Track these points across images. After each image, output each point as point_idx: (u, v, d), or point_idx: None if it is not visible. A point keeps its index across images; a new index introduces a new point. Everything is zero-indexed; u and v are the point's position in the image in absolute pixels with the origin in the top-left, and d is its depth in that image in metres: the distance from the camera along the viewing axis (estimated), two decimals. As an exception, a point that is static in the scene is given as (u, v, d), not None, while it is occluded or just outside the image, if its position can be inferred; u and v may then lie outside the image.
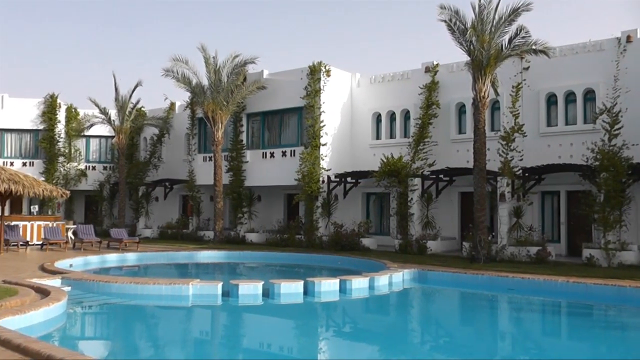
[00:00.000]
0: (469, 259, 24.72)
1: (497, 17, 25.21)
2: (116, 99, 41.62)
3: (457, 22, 25.52)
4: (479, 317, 17.27)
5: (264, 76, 35.95)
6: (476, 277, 20.36)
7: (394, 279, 20.18)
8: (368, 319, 17.30)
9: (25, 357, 9.47)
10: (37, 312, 13.08)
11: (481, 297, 19.99)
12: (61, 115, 44.27)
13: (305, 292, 17.83)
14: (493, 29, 25.18)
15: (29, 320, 12.61)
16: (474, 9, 25.43)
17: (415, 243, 28.21)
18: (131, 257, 27.91)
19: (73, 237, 33.12)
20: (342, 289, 18.39)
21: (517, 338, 14.78)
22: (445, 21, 25.62)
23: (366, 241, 30.18)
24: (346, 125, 34.81)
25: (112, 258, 27.09)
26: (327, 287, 18.21)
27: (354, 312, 18.14)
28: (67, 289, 17.01)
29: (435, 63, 31.96)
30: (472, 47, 25.31)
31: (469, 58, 25.87)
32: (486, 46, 24.98)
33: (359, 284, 18.75)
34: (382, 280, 19.61)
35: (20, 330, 11.30)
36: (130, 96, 41.62)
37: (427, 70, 32.10)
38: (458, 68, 30.65)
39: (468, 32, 24.98)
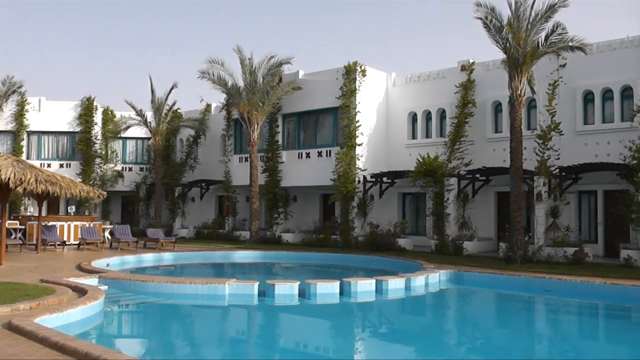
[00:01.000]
0: (505, 259, 24.38)
1: (533, 14, 24.85)
2: (152, 101, 41.89)
3: (493, 20, 25.22)
4: (515, 319, 17.04)
5: (300, 77, 35.91)
6: (513, 279, 20.10)
7: (430, 279, 20.01)
8: (404, 319, 17.17)
9: (62, 354, 9.53)
10: (74, 311, 13.17)
11: (518, 298, 19.74)
12: (98, 118, 44.82)
13: (341, 293, 17.74)
14: (529, 26, 24.83)
15: (66, 319, 12.70)
16: (510, 6, 25.10)
17: (452, 243, 27.95)
18: (167, 257, 28.09)
19: (110, 237, 33.43)
20: (378, 290, 18.27)
21: (554, 340, 14.53)
22: (481, 19, 25.34)
23: (402, 241, 30.01)
24: (382, 125, 34.63)
25: (148, 258, 27.30)
26: (363, 287, 18.09)
27: (390, 312, 18.02)
28: (104, 288, 17.14)
29: (471, 61, 31.65)
30: (508, 44, 25.03)
31: (505, 56, 25.54)
32: (522, 43, 24.66)
33: (395, 285, 18.62)
34: (419, 281, 19.45)
35: (57, 328, 11.37)
36: (166, 98, 41.92)
37: (463, 68, 31.79)
38: (494, 66, 30.27)
39: (504, 30, 24.67)
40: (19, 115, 44.21)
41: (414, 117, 33.98)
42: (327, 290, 17.63)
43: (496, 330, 15.63)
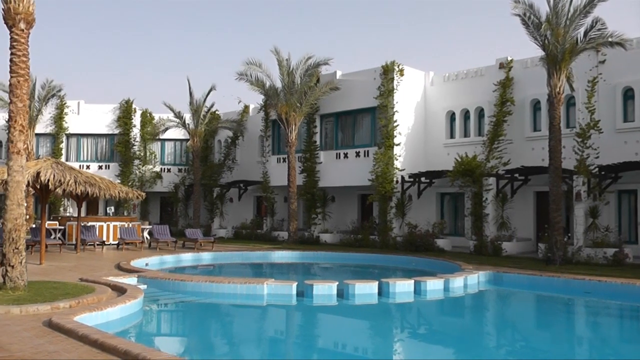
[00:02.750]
0: (544, 260, 24.03)
1: (572, 10, 24.38)
2: (191, 103, 42.18)
3: (532, 16, 24.86)
4: (555, 321, 16.75)
5: (337, 77, 35.84)
6: (552, 280, 19.77)
7: (469, 280, 19.79)
8: (443, 321, 16.98)
9: (102, 352, 9.57)
10: (113, 309, 13.25)
11: (557, 300, 19.39)
12: (136, 120, 45.37)
13: (380, 293, 17.62)
14: (568, 22, 24.39)
15: (105, 317, 12.79)
16: (548, 2, 24.66)
17: (490, 244, 27.62)
18: (206, 257, 28.21)
19: (149, 237, 33.62)
20: (417, 290, 18.11)
21: (594, 343, 14.25)
22: (519, 15, 25.00)
23: (440, 242, 29.78)
24: (420, 125, 34.42)
25: (187, 257, 27.42)
26: (402, 288, 17.95)
27: (428, 313, 17.84)
28: (143, 287, 17.19)
29: (509, 59, 31.31)
30: (546, 41, 24.66)
31: (543, 53, 25.16)
32: (561, 40, 24.24)
33: (433, 286, 18.44)
34: (457, 282, 19.25)
35: (97, 326, 11.42)
36: (205, 100, 42.18)
37: (501, 66, 31.47)
38: (533, 63, 29.89)
39: (542, 26, 24.31)
40: (58, 118, 44.93)
41: (452, 116, 33.73)
42: (365, 290, 17.51)
43: (535, 333, 15.36)
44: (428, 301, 18.09)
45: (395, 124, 32.49)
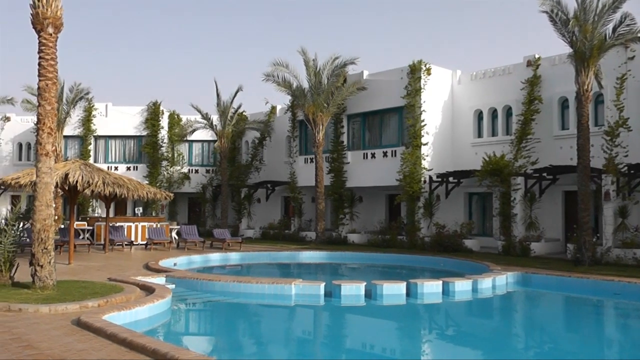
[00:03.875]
0: (573, 261, 23.76)
1: (600, 5, 24.01)
2: (218, 105, 42.33)
3: (559, 13, 24.57)
4: (584, 323, 16.56)
5: (364, 77, 35.74)
6: (581, 281, 19.50)
7: (497, 281, 19.60)
8: (471, 322, 16.82)
9: (130, 350, 9.59)
10: (142, 309, 13.29)
11: (586, 301, 19.14)
12: (164, 122, 45.60)
13: (408, 294, 17.52)
14: (596, 18, 24.04)
15: (134, 316, 12.83)
16: (576, -3, 24.54)
17: (519, 245, 27.35)
18: (234, 257, 28.30)
19: (177, 237, 33.78)
20: (445, 291, 17.99)
21: (624, 345, 13.99)
22: (546, 12, 24.73)
23: (469, 242, 29.57)
24: (447, 124, 34.21)
25: (215, 257, 27.55)
26: (430, 289, 17.83)
27: (457, 315, 17.69)
28: (171, 286, 17.24)
29: (537, 56, 30.92)
30: (574, 37, 24.38)
31: (571, 50, 24.87)
32: (589, 36, 23.93)
33: (462, 287, 18.30)
34: (486, 283, 19.07)
35: (125, 325, 11.45)
36: (232, 101, 42.32)
37: (529, 64, 31.08)
38: (560, 61, 29.51)
39: (570, 23, 23.99)
40: (87, 120, 45.44)
41: (479, 115, 33.48)
42: (393, 291, 17.41)
43: (564, 335, 15.17)
44: (456, 302, 17.96)
45: (422, 124, 32.32)
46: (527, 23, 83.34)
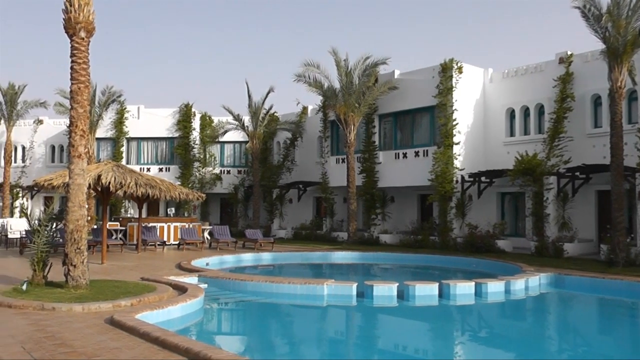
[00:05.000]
0: (606, 262, 23.43)
1: (634, 0, 23.89)
2: (249, 106, 42.51)
3: (592, 8, 24.25)
4: (618, 325, 16.30)
5: (395, 76, 35.61)
6: (614, 282, 19.21)
7: (530, 283, 19.39)
8: (504, 324, 16.62)
9: (163, 349, 9.62)
10: (174, 308, 13.35)
11: (620, 303, 18.82)
12: (196, 123, 45.87)
13: (440, 295, 17.40)
14: (630, 13, 23.62)
15: (166, 315, 12.89)
16: (609, -8, 24.20)
17: (552, 245, 27.02)
18: (266, 257, 28.34)
19: (209, 238, 33.92)
20: (478, 293, 17.83)
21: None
22: (579, 8, 24.45)
23: (501, 243, 29.28)
24: (479, 123, 33.97)
25: (247, 257, 27.61)
26: (463, 290, 17.69)
27: (490, 316, 17.50)
28: (204, 286, 17.26)
29: (569, 53, 30.58)
30: (607, 33, 24.04)
31: (604, 46, 24.53)
32: (622, 32, 23.53)
33: (494, 288, 18.13)
34: (519, 285, 18.86)
35: (158, 324, 11.49)
36: (263, 102, 42.50)
37: (561, 61, 30.73)
38: (593, 57, 29.12)
39: (603, 18, 23.65)
40: (119, 122, 45.86)
41: (511, 114, 33.20)
42: (426, 292, 17.30)
43: (598, 337, 14.92)
44: (489, 304, 17.79)
45: (454, 123, 32.13)
46: (559, 19, 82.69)
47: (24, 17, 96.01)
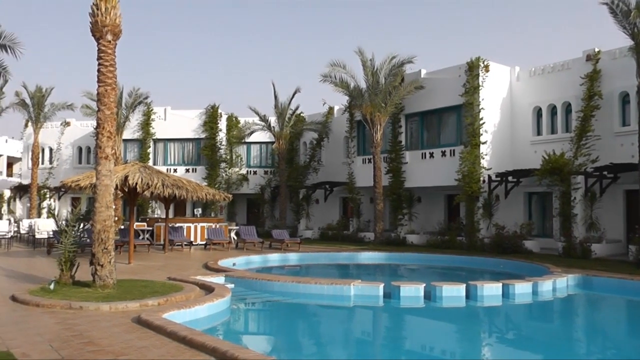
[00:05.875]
0: (635, 263, 23.15)
1: (663, -5, 23.54)
2: (276, 106, 42.67)
3: (620, 4, 24.00)
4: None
5: (422, 75, 35.48)
6: (643, 284, 19.04)
7: (557, 284, 19.14)
8: (532, 326, 16.42)
9: (190, 348, 9.63)
10: (201, 307, 13.36)
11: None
12: (222, 124, 46.02)
13: (467, 296, 17.24)
14: (659, 8, 23.48)
15: (193, 315, 12.90)
16: (638, -13, 23.89)
17: (579, 246, 26.73)
18: (293, 257, 28.33)
19: (236, 238, 33.97)
20: (505, 294, 17.63)
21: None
22: (606, 3, 24.24)
23: (528, 244, 29.01)
24: (506, 122, 33.72)
25: (274, 258, 27.66)
26: (490, 291, 17.51)
27: (517, 318, 17.32)
28: (231, 286, 17.26)
29: (596, 50, 30.18)
30: (635, 29, 23.76)
31: (632, 42, 24.27)
32: (651, 27, 23.43)
33: (522, 289, 17.92)
34: (546, 286, 18.62)
35: (185, 323, 11.51)
36: (289, 103, 42.66)
37: (589, 58, 30.33)
38: (621, 54, 28.76)
39: (632, 14, 23.40)
40: (145, 124, 46.15)
41: (538, 112, 32.91)
42: (453, 293, 17.16)
43: (627, 340, 14.68)
44: (516, 305, 17.59)
45: (481, 122, 31.95)
46: (587, 16, 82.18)
47: (51, 20, 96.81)
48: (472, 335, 14.77)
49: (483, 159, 31.98)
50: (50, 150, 51.39)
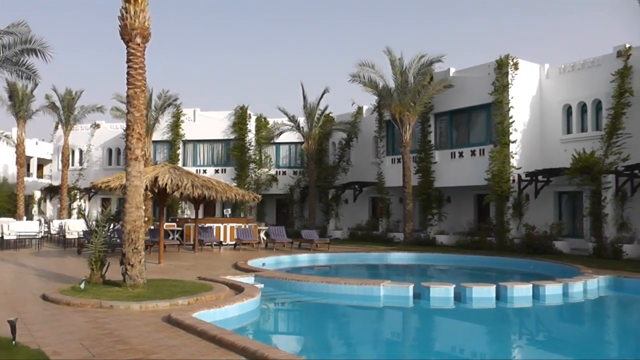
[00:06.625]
0: (666, 264, 22.95)
1: (694, -14, 23.22)
2: (304, 107, 42.78)
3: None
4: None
5: (451, 74, 35.37)
6: (675, 286, 18.67)
7: (588, 285, 18.89)
8: (563, 327, 16.25)
9: (220, 347, 9.64)
10: (231, 307, 13.39)
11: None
12: (251, 125, 46.23)
13: (498, 297, 17.09)
14: (694, 0, 23.20)
15: (223, 314, 12.94)
16: (668, -19, 23.60)
17: (610, 246, 26.43)
18: (322, 258, 28.36)
19: (265, 238, 34.09)
20: (535, 295, 17.46)
21: None
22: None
23: (559, 244, 28.73)
24: (535, 120, 33.41)
25: (303, 258, 27.69)
26: (520, 292, 17.34)
27: (547, 319, 17.16)
28: (260, 286, 17.32)
29: (627, 46, 29.71)
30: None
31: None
32: (682, 21, 23.14)
33: (552, 290, 17.75)
34: (577, 287, 18.39)
35: (215, 323, 11.52)
36: (318, 103, 42.76)
37: (619, 54, 29.86)
38: (653, 50, 28.46)
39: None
40: (175, 125, 46.44)
41: (568, 110, 32.55)
42: (483, 294, 17.04)
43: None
44: (547, 306, 17.43)
45: (510, 120, 31.74)
46: (617, 11, 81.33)
47: (82, 24, 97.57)
48: (502, 336, 14.65)
49: (513, 158, 31.76)
50: (80, 152, 51.94)
